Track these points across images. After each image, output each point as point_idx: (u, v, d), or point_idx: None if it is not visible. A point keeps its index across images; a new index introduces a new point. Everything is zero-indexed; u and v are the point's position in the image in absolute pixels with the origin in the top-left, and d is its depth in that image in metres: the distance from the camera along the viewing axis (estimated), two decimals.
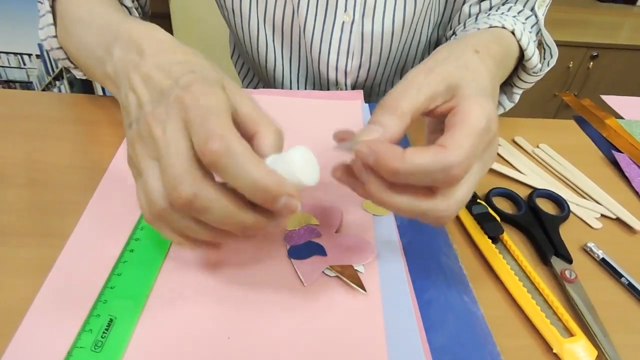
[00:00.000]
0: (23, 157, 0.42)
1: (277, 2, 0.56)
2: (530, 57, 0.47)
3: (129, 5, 0.49)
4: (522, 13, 0.53)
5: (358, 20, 0.55)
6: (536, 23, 0.53)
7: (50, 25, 0.45)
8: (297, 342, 0.29)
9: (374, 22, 0.55)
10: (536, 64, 0.48)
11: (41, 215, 0.37)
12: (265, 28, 0.59)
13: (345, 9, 0.54)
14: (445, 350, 0.29)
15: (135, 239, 0.34)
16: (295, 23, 0.57)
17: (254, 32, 0.60)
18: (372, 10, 0.54)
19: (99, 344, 0.28)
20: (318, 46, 0.58)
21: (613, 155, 0.50)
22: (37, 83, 1.43)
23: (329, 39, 0.57)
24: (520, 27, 0.46)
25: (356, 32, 0.56)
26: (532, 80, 0.51)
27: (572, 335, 0.31)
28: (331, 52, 0.58)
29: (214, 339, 0.29)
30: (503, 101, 0.55)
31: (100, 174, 0.41)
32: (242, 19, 0.59)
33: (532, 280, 0.35)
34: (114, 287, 0.31)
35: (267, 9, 0.57)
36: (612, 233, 0.41)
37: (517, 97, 0.54)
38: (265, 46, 0.61)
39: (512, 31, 0.45)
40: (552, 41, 0.49)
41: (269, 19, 0.58)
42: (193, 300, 0.31)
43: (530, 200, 0.42)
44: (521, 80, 0.51)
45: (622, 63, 1.57)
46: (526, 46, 0.46)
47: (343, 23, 0.55)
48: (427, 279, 0.34)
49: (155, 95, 0.28)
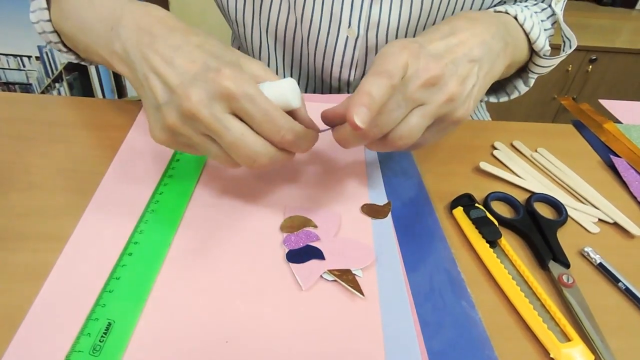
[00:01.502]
0: (22, 160, 0.42)
1: (280, 12, 0.55)
2: (536, 39, 0.48)
3: None
4: (537, 5, 0.55)
5: (362, 34, 0.54)
6: (552, 14, 0.55)
7: (43, 9, 0.45)
8: (295, 346, 0.29)
9: (378, 37, 0.55)
10: (544, 46, 0.49)
11: (40, 218, 0.37)
12: (267, 38, 0.59)
13: (350, 24, 0.53)
14: (443, 354, 0.30)
15: (133, 243, 0.34)
16: (298, 34, 0.56)
17: (257, 42, 0.60)
18: (376, 25, 0.54)
19: (97, 347, 0.28)
20: (322, 57, 0.57)
21: (611, 159, 0.51)
22: (37, 85, 1.43)
23: (332, 51, 0.56)
24: (527, 13, 0.48)
25: (360, 46, 0.55)
26: (547, 64, 0.52)
27: (570, 340, 0.31)
28: (334, 64, 0.57)
29: (212, 342, 0.29)
30: (519, 85, 0.56)
31: (99, 178, 0.41)
32: (245, 28, 0.59)
33: (529, 285, 0.35)
34: (112, 290, 0.31)
35: (270, 19, 0.56)
36: (610, 238, 0.41)
37: (532, 81, 0.55)
38: (267, 55, 0.61)
39: (515, 16, 0.48)
40: (572, 33, 0.51)
41: (272, 29, 0.57)
42: (191, 304, 0.31)
43: (528, 205, 0.43)
44: (535, 64, 0.52)
45: (620, 66, 1.57)
46: (530, 29, 0.48)
47: (347, 37, 0.54)
48: (425, 283, 0.34)
49: (186, 79, 0.31)
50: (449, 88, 0.34)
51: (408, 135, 0.34)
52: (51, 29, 0.46)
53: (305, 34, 0.56)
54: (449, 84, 0.34)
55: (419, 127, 0.34)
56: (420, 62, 0.33)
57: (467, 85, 0.35)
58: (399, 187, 0.43)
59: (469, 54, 0.36)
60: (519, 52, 0.48)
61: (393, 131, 0.34)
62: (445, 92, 0.34)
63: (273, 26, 0.57)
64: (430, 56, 0.34)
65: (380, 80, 0.31)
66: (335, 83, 0.60)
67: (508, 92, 0.57)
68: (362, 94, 0.30)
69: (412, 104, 0.33)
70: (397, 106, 0.33)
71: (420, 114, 0.34)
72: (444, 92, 0.34)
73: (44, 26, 0.46)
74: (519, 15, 0.48)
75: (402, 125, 0.34)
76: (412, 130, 0.34)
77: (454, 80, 0.34)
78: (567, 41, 0.52)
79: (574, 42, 0.51)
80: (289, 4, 0.54)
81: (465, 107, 0.35)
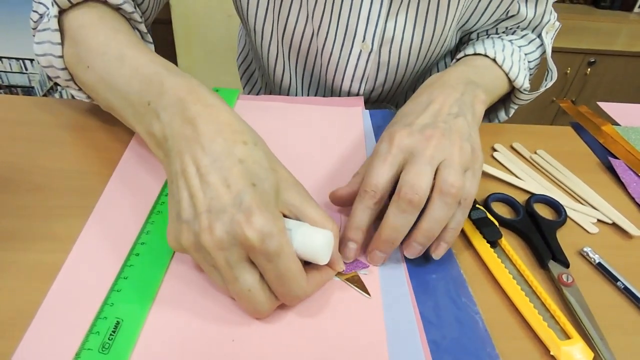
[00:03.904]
0: (28, 162, 0.43)
1: (297, 22, 0.55)
2: (515, 78, 0.52)
3: (144, 30, 0.47)
4: (525, 37, 0.58)
5: (376, 49, 0.55)
6: (542, 44, 0.58)
7: (55, 44, 0.41)
8: (300, 344, 0.30)
9: (391, 52, 0.56)
10: (523, 84, 0.53)
11: (47, 219, 0.37)
12: (283, 47, 0.59)
13: (364, 38, 0.54)
14: (445, 352, 0.30)
15: (141, 243, 0.35)
16: (313, 44, 0.57)
17: (273, 51, 0.60)
18: (390, 40, 0.55)
19: (106, 345, 0.28)
20: (334, 70, 0.58)
21: (609, 161, 0.51)
22: (39, 88, 1.44)
23: (344, 64, 0.57)
24: (507, 52, 0.52)
25: (373, 60, 0.56)
26: (527, 98, 0.56)
27: (569, 338, 0.32)
28: (345, 77, 0.58)
29: (218, 341, 0.30)
30: (500, 114, 0.60)
31: (104, 179, 0.41)
32: (263, 37, 0.59)
33: (530, 284, 0.36)
34: (120, 290, 0.31)
35: (286, 29, 0.57)
36: (609, 238, 0.42)
37: (512, 111, 0.59)
38: (282, 65, 0.62)
39: (494, 58, 0.51)
40: (554, 67, 0.55)
41: (288, 38, 0.58)
42: (198, 303, 0.32)
43: (528, 206, 0.43)
44: (516, 97, 0.56)
45: (619, 69, 1.58)
46: (509, 69, 0.51)
47: (360, 52, 0.55)
48: (428, 282, 0.35)
49: (215, 209, 0.28)
50: (468, 190, 0.34)
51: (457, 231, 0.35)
52: (62, 66, 0.42)
53: (320, 45, 0.56)
54: (467, 184, 0.34)
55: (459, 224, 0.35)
56: (421, 142, 0.35)
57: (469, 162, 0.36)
58: None
59: (450, 112, 0.38)
60: (497, 91, 0.52)
61: (447, 233, 0.35)
62: (468, 197, 0.34)
63: (289, 36, 0.57)
64: (422, 127, 0.36)
65: None
66: (344, 95, 0.61)
67: (490, 118, 0.61)
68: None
69: None
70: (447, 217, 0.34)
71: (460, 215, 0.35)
72: (467, 201, 0.34)
73: (52, 61, 0.42)
74: (497, 57, 0.51)
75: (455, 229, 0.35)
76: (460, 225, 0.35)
77: (466, 173, 0.35)
78: (550, 72, 0.55)
79: (554, 74, 0.55)
80: (307, 15, 0.54)
81: (474, 183, 0.36)
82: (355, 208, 0.35)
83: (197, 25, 1.47)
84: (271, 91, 0.70)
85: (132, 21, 0.46)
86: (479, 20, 0.57)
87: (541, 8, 0.56)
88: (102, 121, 0.49)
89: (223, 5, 1.42)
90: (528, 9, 0.56)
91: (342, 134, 0.50)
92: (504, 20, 0.57)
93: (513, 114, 0.59)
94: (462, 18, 0.56)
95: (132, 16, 0.45)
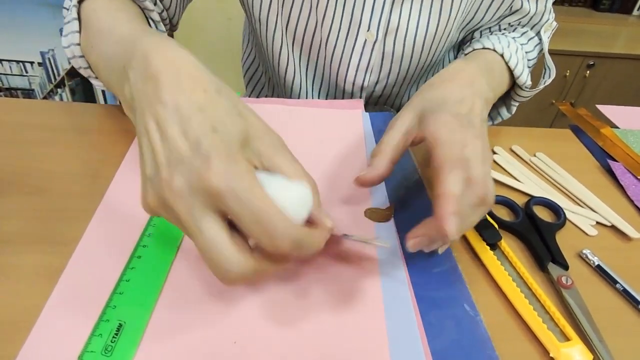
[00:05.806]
0: (28, 165, 0.43)
1: (301, 13, 0.56)
2: (519, 75, 0.52)
3: (157, 19, 0.49)
4: (525, 35, 0.59)
5: (381, 39, 0.55)
6: (539, 43, 0.59)
7: (74, 32, 0.44)
8: (301, 347, 0.30)
9: (396, 42, 0.56)
10: (526, 81, 0.53)
11: (49, 222, 0.37)
12: (287, 38, 0.59)
13: (369, 27, 0.54)
14: (445, 354, 0.30)
15: (142, 246, 0.35)
16: (317, 35, 0.57)
17: (277, 42, 0.60)
18: (395, 30, 0.55)
19: (109, 348, 0.28)
20: (338, 60, 0.58)
21: (608, 164, 0.51)
22: (39, 91, 1.44)
23: (349, 54, 0.57)
24: (512, 49, 0.52)
25: (378, 50, 0.56)
26: (528, 94, 0.56)
27: (569, 339, 0.32)
28: (350, 67, 0.58)
29: (220, 343, 0.30)
30: (502, 112, 0.60)
31: (105, 182, 0.41)
32: (267, 27, 0.59)
33: (529, 286, 0.36)
34: (122, 292, 0.32)
35: (290, 19, 0.57)
36: (607, 240, 0.42)
37: (514, 108, 0.59)
38: (286, 56, 0.62)
39: (502, 54, 0.51)
40: (552, 64, 0.55)
41: (291, 29, 0.58)
42: (200, 305, 0.32)
43: (527, 208, 0.43)
44: (518, 94, 0.56)
45: (618, 72, 1.59)
46: (514, 66, 0.52)
47: (365, 41, 0.55)
48: (428, 284, 0.35)
49: (173, 160, 0.26)
50: (489, 197, 0.34)
51: None
52: (80, 54, 0.44)
53: (324, 35, 0.56)
54: (488, 184, 0.34)
55: None
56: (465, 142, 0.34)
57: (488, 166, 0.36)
58: (401, 191, 0.44)
59: (482, 116, 0.39)
60: (502, 87, 0.53)
61: None
62: (488, 202, 0.34)
63: (293, 26, 0.57)
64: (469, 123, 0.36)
65: None
66: (349, 87, 0.61)
67: (492, 116, 0.61)
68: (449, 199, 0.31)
69: None
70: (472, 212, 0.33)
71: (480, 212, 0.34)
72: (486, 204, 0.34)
73: (74, 50, 0.45)
74: (505, 53, 0.51)
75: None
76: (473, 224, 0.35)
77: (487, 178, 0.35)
78: (548, 70, 0.56)
79: (553, 72, 0.55)
80: (312, 4, 0.55)
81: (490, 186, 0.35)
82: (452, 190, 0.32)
83: (197, 29, 1.47)
84: (275, 86, 0.70)
85: (146, 10, 0.48)
86: (484, 16, 0.58)
87: (542, 4, 0.57)
88: (104, 124, 0.49)
89: (223, 8, 1.42)
90: (530, 4, 0.57)
91: (342, 136, 0.50)
92: (507, 16, 0.58)
93: (513, 114, 0.60)
94: (467, 14, 0.57)
95: (144, 4, 0.47)
